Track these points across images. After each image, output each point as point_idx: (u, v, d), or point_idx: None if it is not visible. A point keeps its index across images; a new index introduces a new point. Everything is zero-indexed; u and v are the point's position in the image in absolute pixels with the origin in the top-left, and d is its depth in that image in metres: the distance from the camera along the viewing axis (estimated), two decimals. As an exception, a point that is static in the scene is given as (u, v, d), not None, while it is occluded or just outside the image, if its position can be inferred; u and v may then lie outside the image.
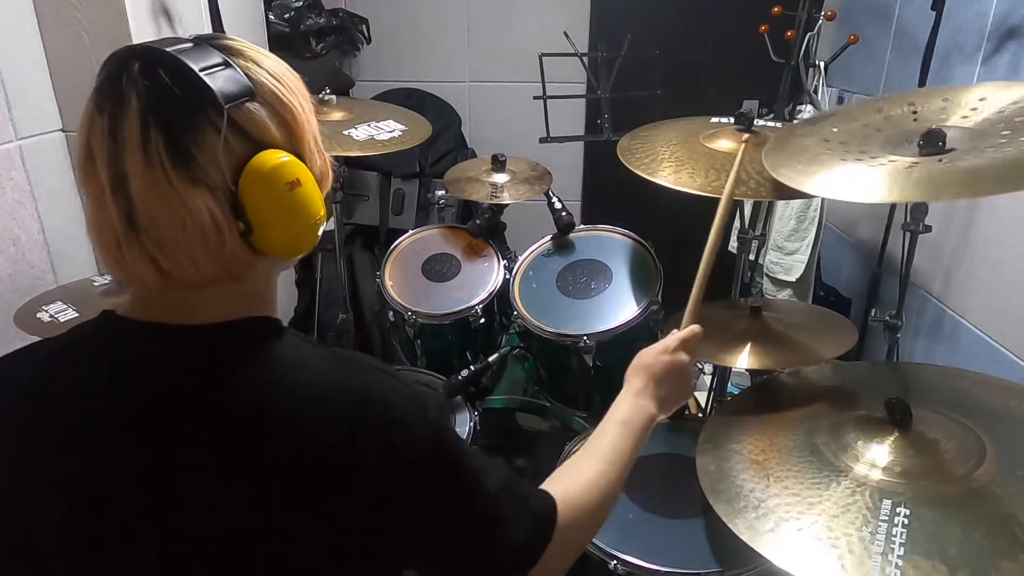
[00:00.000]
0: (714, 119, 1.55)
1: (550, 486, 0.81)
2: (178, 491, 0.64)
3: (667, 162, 1.38)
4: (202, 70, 0.63)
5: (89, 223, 0.66)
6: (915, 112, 1.20)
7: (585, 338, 1.51)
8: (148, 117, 0.61)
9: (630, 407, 0.95)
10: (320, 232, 0.73)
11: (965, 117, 1.13)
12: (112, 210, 0.63)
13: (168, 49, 0.63)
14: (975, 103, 1.15)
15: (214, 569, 0.65)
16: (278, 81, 0.68)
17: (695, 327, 1.06)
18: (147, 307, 0.69)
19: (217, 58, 0.65)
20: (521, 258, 1.78)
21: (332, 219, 1.91)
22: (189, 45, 0.65)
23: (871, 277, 2.17)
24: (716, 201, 1.28)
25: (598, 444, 0.89)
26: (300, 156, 0.69)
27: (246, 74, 0.66)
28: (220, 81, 0.63)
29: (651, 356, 1.01)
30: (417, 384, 0.74)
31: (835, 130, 1.22)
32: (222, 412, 0.65)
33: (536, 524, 0.76)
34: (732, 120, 1.49)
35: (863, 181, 1.06)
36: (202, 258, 0.64)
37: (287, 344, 0.70)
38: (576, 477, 0.84)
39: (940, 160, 1.04)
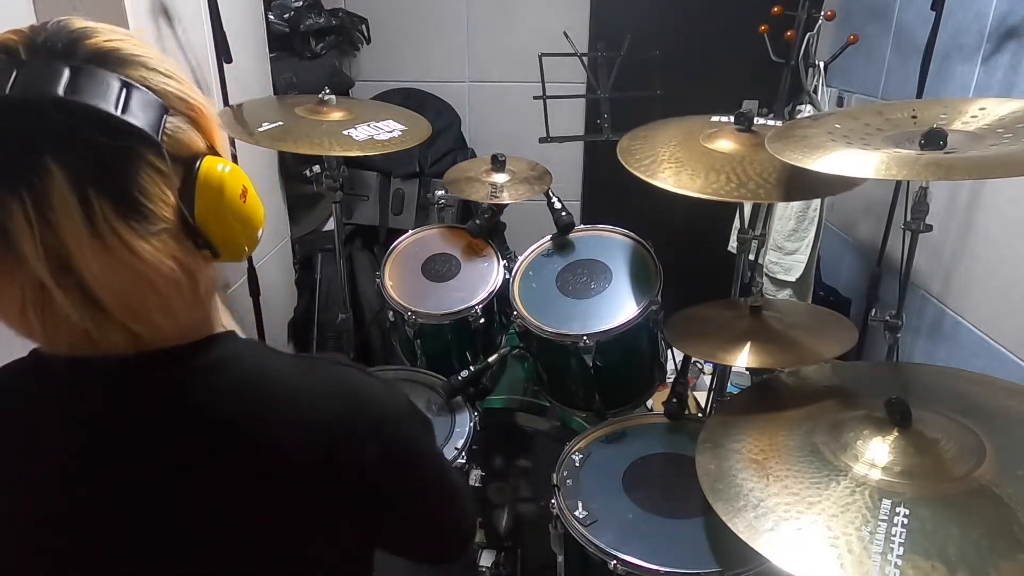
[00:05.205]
0: (714, 118, 1.55)
1: None
2: (163, 515, 0.64)
3: (667, 163, 1.38)
4: (119, 108, 0.54)
5: (21, 322, 0.57)
6: (915, 117, 1.21)
7: (585, 338, 1.51)
8: (83, 184, 0.52)
9: None
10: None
11: (965, 123, 1.14)
12: (62, 299, 0.54)
13: (66, 95, 0.52)
14: (975, 111, 1.16)
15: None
16: (174, 80, 0.61)
17: None
18: (87, 342, 0.59)
19: (115, 82, 0.55)
20: (521, 258, 1.78)
21: (332, 219, 1.92)
22: (69, 75, 0.53)
23: (871, 277, 2.17)
24: (717, 202, 1.28)
25: None
26: (215, 150, 0.64)
27: (148, 87, 0.57)
28: (138, 112, 0.55)
29: None
30: (392, 382, 0.77)
31: (837, 126, 1.22)
32: (197, 431, 0.63)
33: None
34: (732, 119, 1.49)
35: (872, 160, 1.06)
36: (181, 310, 0.60)
37: (256, 355, 0.68)
38: None
39: (946, 154, 1.04)
